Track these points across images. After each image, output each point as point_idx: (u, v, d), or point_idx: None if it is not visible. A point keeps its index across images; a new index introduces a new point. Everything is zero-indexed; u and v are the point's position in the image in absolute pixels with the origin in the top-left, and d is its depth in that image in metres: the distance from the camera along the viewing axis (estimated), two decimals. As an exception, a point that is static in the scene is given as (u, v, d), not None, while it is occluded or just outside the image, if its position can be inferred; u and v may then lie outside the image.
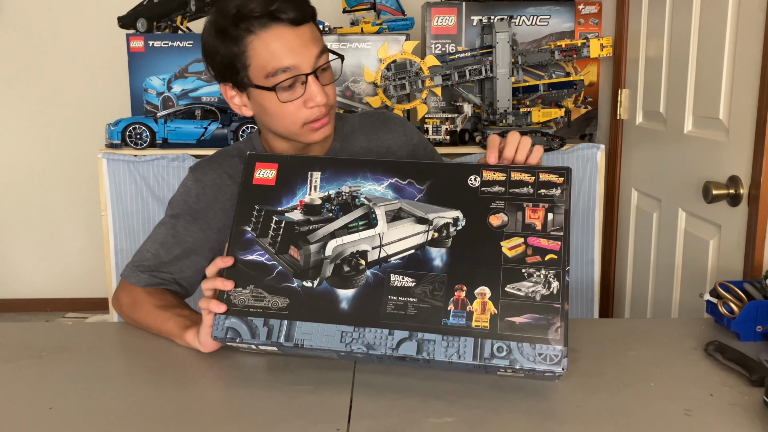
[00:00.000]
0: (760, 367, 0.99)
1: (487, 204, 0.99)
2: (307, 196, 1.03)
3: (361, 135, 1.34)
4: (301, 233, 1.01)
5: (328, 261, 0.98)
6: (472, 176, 1.00)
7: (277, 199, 1.03)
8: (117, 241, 2.29)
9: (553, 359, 0.90)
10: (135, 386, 0.99)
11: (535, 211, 0.98)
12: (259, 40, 1.10)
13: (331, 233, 1.00)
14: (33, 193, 3.45)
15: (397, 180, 1.02)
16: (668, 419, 0.88)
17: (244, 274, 1.00)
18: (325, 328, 0.96)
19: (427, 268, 0.97)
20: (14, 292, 3.53)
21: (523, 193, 0.99)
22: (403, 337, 0.94)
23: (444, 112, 2.37)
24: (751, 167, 1.43)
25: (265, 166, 1.05)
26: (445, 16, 2.33)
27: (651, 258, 2.01)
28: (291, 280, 0.99)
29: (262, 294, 0.99)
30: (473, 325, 0.93)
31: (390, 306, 0.95)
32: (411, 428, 0.87)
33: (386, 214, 1.00)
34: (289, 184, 1.04)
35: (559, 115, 2.27)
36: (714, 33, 1.59)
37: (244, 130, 2.23)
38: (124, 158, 2.23)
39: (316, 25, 1.16)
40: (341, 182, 1.03)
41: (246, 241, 1.02)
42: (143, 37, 2.36)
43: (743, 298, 1.16)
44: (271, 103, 1.14)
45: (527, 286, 0.94)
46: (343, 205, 1.02)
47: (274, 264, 1.00)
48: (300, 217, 1.02)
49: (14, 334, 1.21)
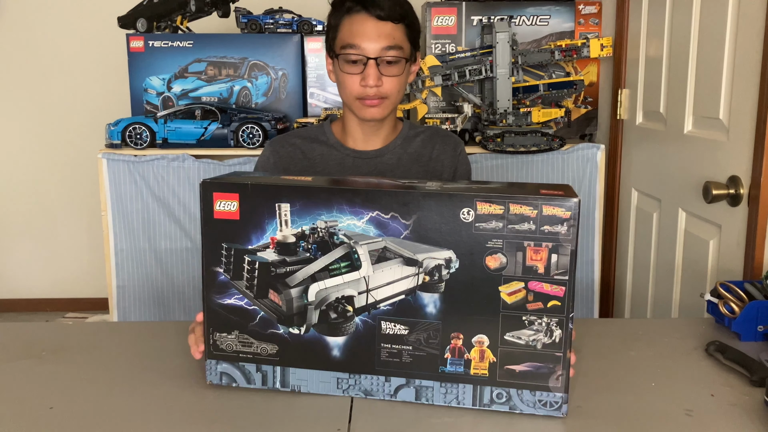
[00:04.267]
0: (761, 367, 0.99)
1: (483, 243, 0.87)
2: (278, 233, 0.92)
3: (421, 141, 1.51)
4: (278, 276, 0.92)
5: (312, 307, 0.93)
6: (464, 209, 0.87)
7: (245, 235, 0.93)
8: (117, 241, 2.29)
9: (553, 405, 0.89)
10: (135, 386, 0.99)
11: (537, 252, 0.87)
12: (349, 20, 1.36)
13: (312, 276, 0.92)
14: (33, 193, 3.44)
15: (378, 214, 0.89)
16: (669, 419, 0.88)
17: (225, 319, 0.95)
18: (320, 375, 0.94)
19: (420, 316, 0.90)
20: (14, 292, 3.53)
21: (524, 231, 0.86)
22: (401, 383, 0.93)
23: (444, 112, 2.37)
24: (751, 167, 1.43)
25: (225, 197, 0.92)
26: (445, 16, 2.33)
27: (651, 258, 2.01)
28: (276, 326, 0.94)
29: (249, 340, 0.95)
30: (471, 373, 0.90)
31: (384, 354, 0.92)
32: (411, 428, 0.87)
33: (370, 254, 0.90)
34: (255, 218, 0.92)
35: (559, 115, 2.27)
36: (714, 33, 1.59)
37: (244, 130, 2.23)
38: (124, 158, 2.23)
39: (406, 28, 1.37)
40: (315, 216, 0.91)
41: (221, 284, 0.94)
42: (143, 37, 2.36)
43: (744, 298, 1.16)
44: (339, 70, 1.38)
45: (528, 334, 0.88)
46: (320, 243, 0.91)
47: (255, 309, 0.94)
48: (274, 257, 0.92)
49: (14, 334, 1.21)
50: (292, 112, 2.41)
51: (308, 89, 2.43)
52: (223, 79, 2.39)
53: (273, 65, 2.38)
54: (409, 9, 1.39)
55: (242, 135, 2.24)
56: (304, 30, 2.39)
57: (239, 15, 2.40)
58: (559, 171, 2.26)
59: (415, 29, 1.41)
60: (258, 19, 2.38)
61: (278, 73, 2.39)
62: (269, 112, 2.32)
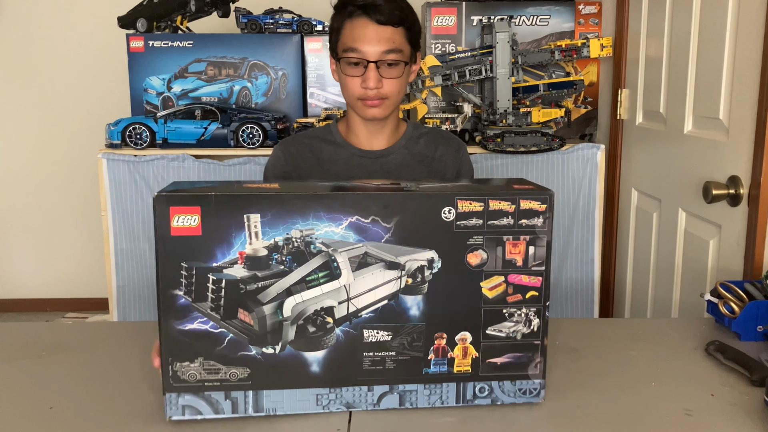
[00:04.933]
0: (761, 367, 0.99)
1: (464, 240, 0.88)
2: (247, 246, 0.84)
3: (425, 142, 1.55)
4: (248, 293, 0.85)
5: (288, 323, 0.86)
6: (445, 208, 0.87)
7: (208, 252, 0.84)
8: (117, 241, 2.29)
9: (532, 392, 0.93)
10: (135, 386, 0.99)
11: (515, 245, 0.90)
12: (350, 23, 1.40)
13: (287, 290, 0.86)
14: (33, 193, 3.44)
15: (358, 218, 0.86)
16: (669, 419, 0.88)
17: (186, 347, 0.86)
18: (296, 394, 0.88)
19: (403, 319, 0.89)
20: (14, 292, 3.53)
21: (503, 225, 0.88)
22: (384, 391, 0.90)
23: (444, 112, 2.37)
24: (751, 167, 1.43)
25: (184, 211, 0.83)
26: (445, 16, 2.33)
27: (651, 258, 2.01)
28: (247, 347, 0.86)
29: (216, 366, 0.86)
30: (455, 371, 0.91)
31: (366, 363, 0.89)
32: (411, 428, 0.87)
33: (350, 261, 0.86)
34: (220, 231, 0.84)
35: (559, 115, 2.27)
36: (714, 33, 1.59)
37: (244, 130, 2.23)
38: (124, 158, 2.23)
39: (406, 30, 1.41)
40: (289, 225, 0.84)
41: (181, 308, 0.85)
42: (143, 37, 2.36)
43: (744, 298, 1.16)
44: (341, 72, 1.44)
45: (508, 326, 0.91)
46: (296, 254, 0.85)
47: (222, 332, 0.86)
48: (244, 272, 0.85)
49: (14, 334, 1.21)
50: (292, 112, 2.41)
51: (308, 89, 2.43)
52: (223, 79, 2.39)
53: (273, 65, 2.38)
54: (409, 12, 1.42)
55: (242, 135, 2.24)
56: (304, 30, 2.39)
57: (239, 15, 2.40)
58: (559, 171, 2.25)
59: (415, 31, 1.45)
60: (258, 19, 2.38)
61: (278, 73, 2.39)
62: (269, 112, 2.32)
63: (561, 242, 2.28)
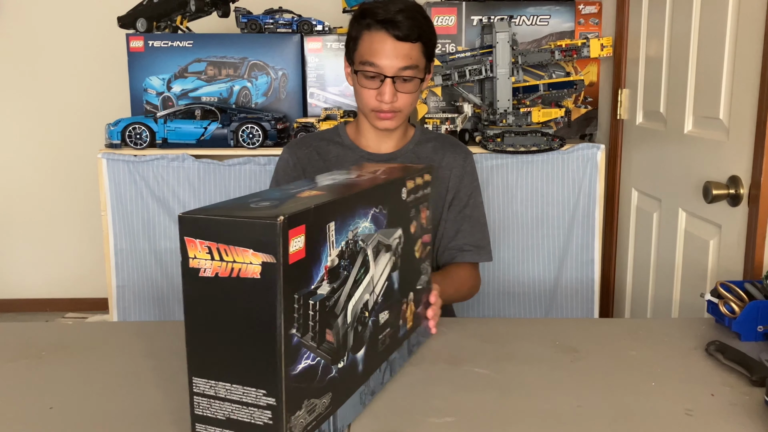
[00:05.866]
0: (761, 367, 0.99)
1: (408, 213, 1.01)
2: (328, 259, 0.77)
3: (432, 148, 1.58)
4: (330, 309, 0.78)
5: (348, 328, 0.82)
6: (402, 189, 0.98)
7: (309, 274, 0.73)
8: (117, 241, 2.29)
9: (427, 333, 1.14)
10: (135, 386, 0.99)
11: (423, 212, 1.07)
12: (368, 35, 1.40)
13: (348, 294, 0.82)
14: (33, 193, 3.44)
15: (373, 210, 0.88)
16: (669, 419, 0.88)
17: (299, 393, 0.73)
18: (351, 400, 0.86)
19: (393, 296, 0.96)
20: (14, 292, 3.53)
21: (420, 196, 1.05)
22: (384, 367, 0.96)
23: (444, 112, 2.37)
24: (751, 167, 1.43)
25: (296, 233, 0.70)
26: (445, 16, 2.33)
27: (651, 258, 2.01)
28: (330, 369, 0.79)
29: (313, 402, 0.76)
30: (407, 328, 1.04)
31: (380, 345, 0.93)
32: (411, 428, 0.87)
33: (371, 251, 0.88)
34: (315, 249, 0.74)
35: (559, 115, 2.27)
36: (714, 33, 1.59)
37: (244, 130, 2.23)
38: (124, 158, 2.23)
39: (424, 46, 1.42)
40: (347, 226, 0.81)
41: (293, 349, 0.71)
42: (143, 37, 2.36)
43: (744, 298, 1.16)
44: (357, 83, 1.45)
45: (424, 280, 1.10)
46: (350, 255, 0.82)
47: (319, 360, 0.76)
48: (328, 288, 0.77)
49: (14, 334, 1.21)
50: (292, 112, 2.41)
51: (308, 89, 2.43)
52: (223, 79, 2.39)
53: (273, 65, 2.38)
54: (427, 27, 1.43)
55: (242, 135, 2.24)
56: (304, 30, 2.39)
57: (239, 15, 2.40)
58: (559, 171, 2.25)
59: (432, 44, 1.46)
60: (258, 19, 2.38)
61: (278, 73, 2.39)
62: (269, 112, 2.32)
63: (561, 242, 2.28)
